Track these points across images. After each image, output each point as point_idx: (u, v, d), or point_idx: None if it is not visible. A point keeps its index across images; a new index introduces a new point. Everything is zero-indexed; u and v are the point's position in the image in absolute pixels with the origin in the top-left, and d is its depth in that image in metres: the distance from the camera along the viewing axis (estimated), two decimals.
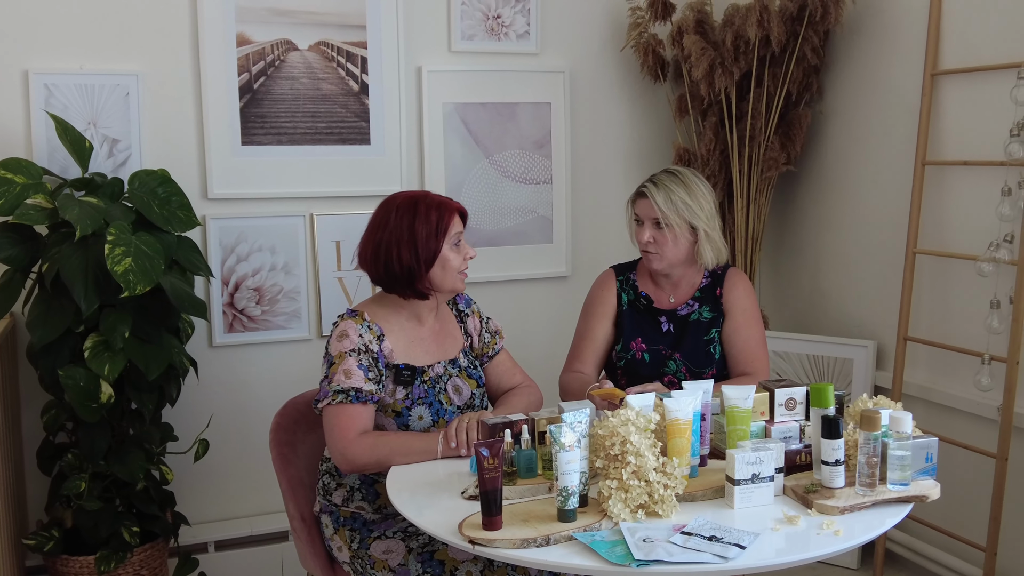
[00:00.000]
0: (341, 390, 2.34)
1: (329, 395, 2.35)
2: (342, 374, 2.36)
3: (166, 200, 3.16)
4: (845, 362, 3.66)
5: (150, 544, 3.21)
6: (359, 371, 2.36)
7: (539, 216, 3.95)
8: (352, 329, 2.41)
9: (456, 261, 2.45)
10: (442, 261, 2.43)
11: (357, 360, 2.37)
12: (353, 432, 2.34)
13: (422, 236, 2.40)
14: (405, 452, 2.33)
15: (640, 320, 2.79)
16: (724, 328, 2.76)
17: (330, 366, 2.40)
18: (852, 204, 3.75)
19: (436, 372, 2.50)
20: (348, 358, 2.37)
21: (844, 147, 3.78)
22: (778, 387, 2.21)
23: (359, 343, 2.39)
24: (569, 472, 1.85)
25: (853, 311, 3.77)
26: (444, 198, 2.48)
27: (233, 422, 3.59)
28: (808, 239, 4.00)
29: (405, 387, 2.44)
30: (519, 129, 3.87)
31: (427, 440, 2.34)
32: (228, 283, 3.54)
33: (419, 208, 2.43)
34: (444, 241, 2.42)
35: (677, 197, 2.66)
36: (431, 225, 2.41)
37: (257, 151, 3.52)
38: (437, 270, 2.43)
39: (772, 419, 2.21)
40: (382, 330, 2.44)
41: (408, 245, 2.41)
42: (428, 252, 2.41)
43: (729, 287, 2.78)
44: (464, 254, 2.47)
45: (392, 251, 2.41)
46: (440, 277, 2.45)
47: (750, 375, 2.68)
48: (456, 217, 2.46)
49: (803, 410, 2.23)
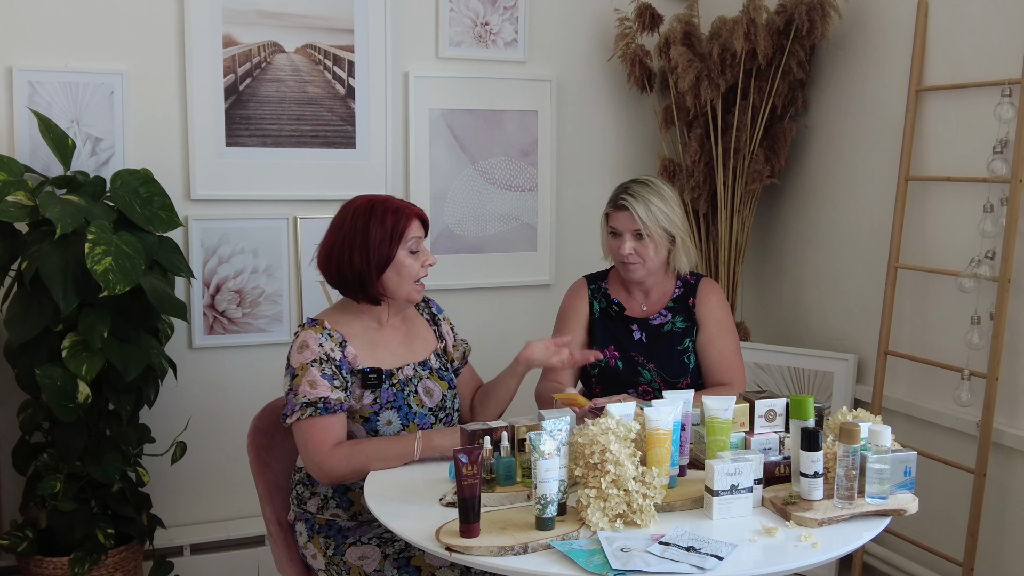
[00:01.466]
0: (308, 402, 2.31)
1: (297, 409, 2.32)
2: (307, 385, 2.32)
3: (148, 200, 3.14)
4: (825, 375, 3.67)
5: (125, 546, 3.18)
6: (324, 380, 2.32)
7: (523, 224, 3.94)
8: (312, 339, 2.37)
9: (413, 268, 2.41)
10: (396, 267, 2.39)
11: (320, 370, 2.33)
12: (327, 445, 2.31)
13: (375, 239, 2.37)
14: (382, 458, 2.30)
15: (612, 328, 2.79)
16: (698, 338, 2.76)
17: (293, 378, 2.35)
18: (835, 218, 3.76)
19: (405, 375, 2.47)
20: (311, 369, 2.33)
21: (828, 161, 3.79)
22: (758, 398, 2.21)
23: (320, 352, 2.35)
24: (548, 480, 1.84)
25: (834, 324, 3.78)
26: (404, 203, 2.44)
27: (211, 425, 3.57)
28: (790, 252, 4.00)
29: (372, 391, 2.41)
30: (505, 136, 3.87)
31: (403, 443, 2.32)
32: (209, 285, 3.52)
33: (375, 211, 2.40)
34: (399, 246, 2.38)
35: (655, 207, 2.66)
36: (386, 229, 2.38)
37: (241, 153, 3.50)
38: (392, 275, 2.40)
39: (752, 430, 2.20)
40: (343, 336, 2.41)
41: (361, 248, 2.37)
42: (381, 256, 2.38)
43: (702, 297, 2.79)
44: (422, 261, 2.43)
45: (344, 254, 2.39)
46: (395, 283, 2.41)
47: (727, 385, 2.69)
48: (415, 222, 2.42)
49: (783, 422, 2.22)
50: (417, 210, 2.46)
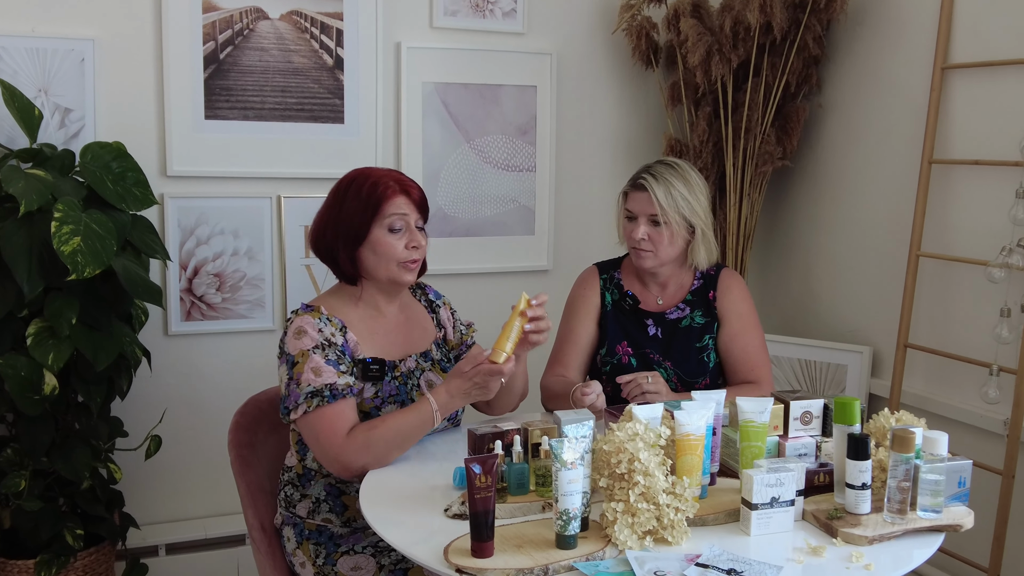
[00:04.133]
0: (314, 392, 2.09)
1: (302, 401, 2.10)
2: (310, 373, 2.11)
3: (121, 176, 2.93)
4: (838, 368, 3.49)
5: (95, 548, 2.99)
6: (328, 366, 2.12)
7: (521, 206, 3.74)
8: (309, 324, 2.17)
9: (392, 248, 2.19)
10: (371, 245, 2.20)
11: (323, 356, 2.13)
12: (340, 435, 2.09)
13: (347, 212, 2.20)
14: (402, 435, 2.11)
15: (625, 322, 2.60)
16: (720, 335, 2.57)
17: (292, 367, 2.14)
18: (848, 203, 3.58)
19: (408, 367, 2.28)
20: (312, 355, 2.13)
21: (842, 143, 3.60)
22: (793, 399, 2.02)
23: (320, 338, 2.15)
24: (571, 493, 1.64)
25: (846, 315, 3.60)
26: (393, 176, 2.24)
27: (188, 417, 3.36)
28: (799, 238, 3.82)
29: (374, 384, 2.21)
30: (502, 113, 3.66)
31: (419, 413, 2.11)
32: (186, 268, 3.31)
33: (356, 182, 2.23)
34: (375, 222, 2.18)
35: (677, 192, 2.46)
36: (361, 201, 2.19)
37: (221, 126, 3.29)
38: (367, 254, 2.21)
39: (786, 434, 2.02)
40: (343, 322, 2.21)
41: (335, 220, 2.21)
42: (351, 230, 2.20)
43: (723, 290, 2.60)
44: (407, 242, 2.21)
45: (323, 227, 2.25)
46: (372, 263, 2.22)
47: (753, 384, 2.50)
48: (398, 198, 2.20)
49: (819, 424, 2.04)
50: (406, 185, 2.24)
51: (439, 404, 2.11)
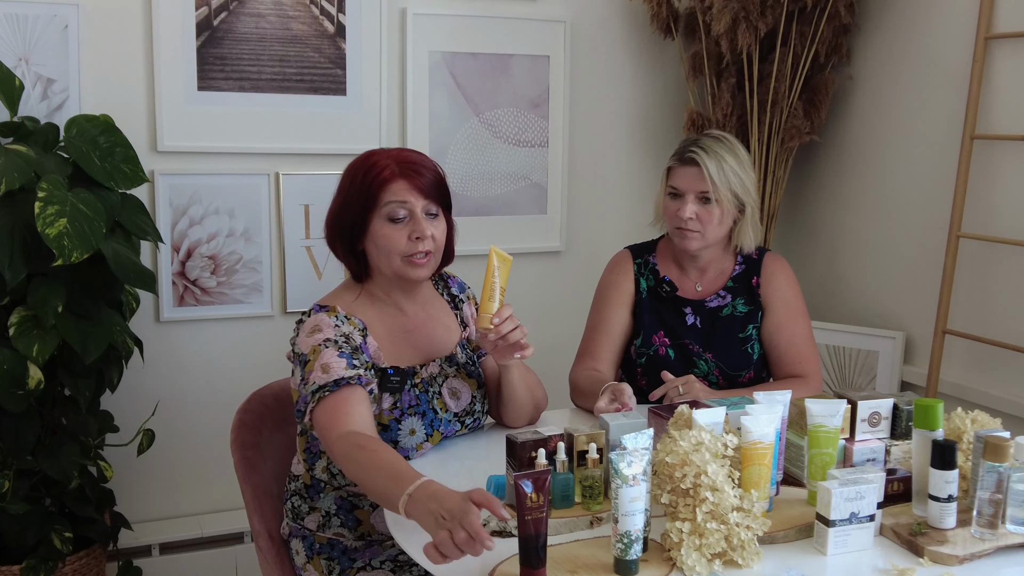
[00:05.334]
0: (320, 387, 1.86)
1: (310, 400, 1.87)
2: (319, 370, 1.87)
3: (109, 151, 2.73)
4: (869, 354, 3.32)
5: (85, 551, 2.81)
6: (340, 360, 1.88)
7: (532, 183, 3.54)
8: (325, 322, 1.95)
9: (393, 240, 1.95)
10: (372, 238, 1.98)
11: (337, 350, 1.90)
12: (337, 427, 1.79)
13: (346, 203, 2.00)
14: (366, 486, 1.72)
15: (662, 310, 2.41)
16: (764, 324, 2.38)
17: (304, 365, 1.91)
18: (880, 181, 3.40)
19: (430, 373, 2.07)
20: (324, 350, 1.89)
21: (873, 117, 3.41)
22: (860, 398, 1.84)
23: (335, 333, 1.93)
24: (633, 513, 1.45)
25: (877, 299, 3.42)
26: (400, 157, 1.99)
27: (183, 409, 3.16)
28: (826, 218, 3.64)
29: (393, 395, 1.99)
30: (513, 85, 3.45)
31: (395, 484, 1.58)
32: (179, 250, 3.11)
33: (355, 166, 2.02)
34: (374, 212, 1.96)
35: (729, 167, 2.27)
36: (357, 188, 1.97)
37: (215, 98, 3.08)
38: (371, 248, 2.00)
39: (853, 437, 1.83)
40: (364, 324, 2.00)
41: (337, 214, 2.03)
42: (346, 223, 1.99)
43: (768, 275, 2.41)
44: (412, 233, 1.95)
45: (329, 217, 2.06)
46: (375, 258, 2.00)
47: (801, 377, 2.32)
48: (396, 184, 1.95)
49: (887, 426, 1.86)
50: (410, 167, 1.97)
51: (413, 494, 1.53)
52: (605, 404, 2.09)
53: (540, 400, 2.22)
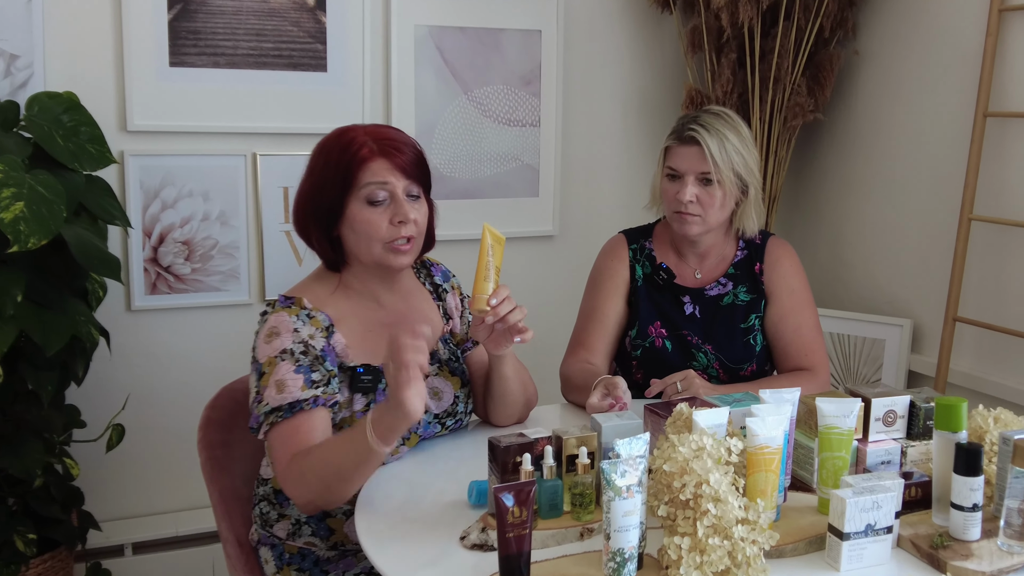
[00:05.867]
0: (272, 409, 1.73)
1: (262, 420, 1.74)
2: (273, 388, 1.73)
3: (73, 131, 2.58)
4: (875, 343, 3.18)
5: (50, 553, 2.67)
6: (296, 377, 1.73)
7: (524, 164, 3.38)
8: (284, 324, 1.79)
9: (373, 224, 1.80)
10: (350, 222, 1.82)
11: (293, 363, 1.75)
12: (286, 460, 1.70)
13: (320, 185, 1.84)
14: (334, 471, 1.63)
15: (659, 299, 2.26)
16: (768, 313, 2.24)
17: (260, 377, 1.77)
18: (887, 161, 3.25)
19: None
20: (279, 364, 1.75)
21: (881, 95, 3.26)
22: (875, 395, 1.69)
23: (293, 341, 1.77)
24: (626, 528, 1.31)
25: (883, 285, 3.28)
26: (377, 134, 1.84)
27: (156, 402, 3.01)
28: (831, 200, 3.49)
29: (365, 395, 1.84)
30: (504, 61, 3.29)
31: (353, 440, 1.60)
32: (151, 235, 2.96)
33: (329, 144, 1.87)
34: (351, 194, 1.81)
35: (731, 146, 2.11)
36: (332, 168, 1.82)
37: (188, 75, 2.93)
38: (348, 234, 1.84)
39: (866, 438, 1.69)
40: (330, 319, 1.84)
41: (308, 195, 1.88)
42: (322, 207, 1.84)
43: (772, 261, 2.26)
44: (393, 217, 1.81)
45: (298, 200, 1.91)
46: (353, 244, 1.85)
47: (807, 371, 2.17)
48: (377, 163, 1.80)
49: (903, 425, 1.71)
50: (389, 145, 1.82)
51: (371, 418, 1.57)
52: (598, 400, 1.94)
53: (531, 396, 2.07)
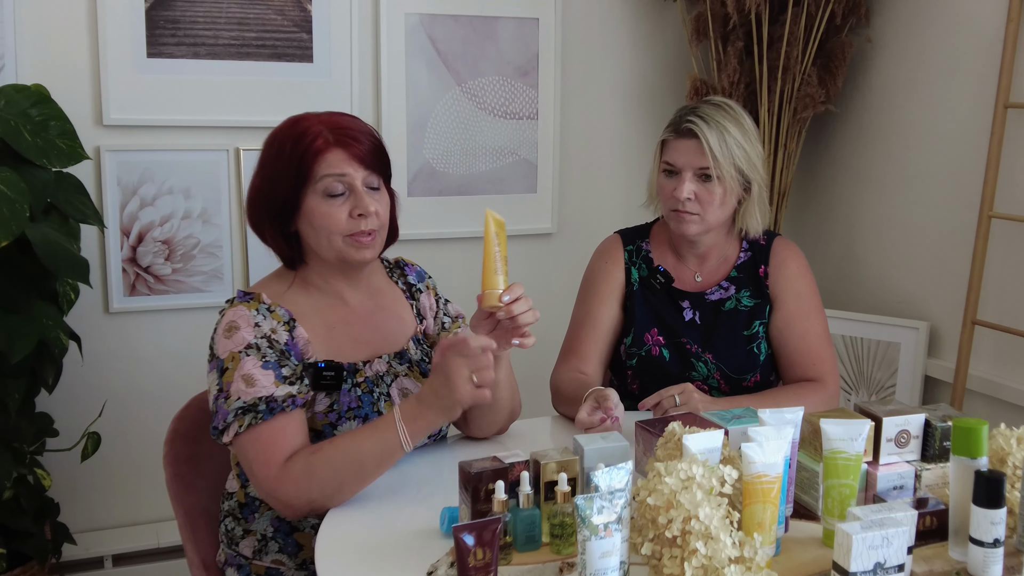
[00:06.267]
0: (245, 407, 1.62)
1: (231, 419, 1.62)
2: (241, 382, 1.63)
3: (42, 125, 2.47)
4: (889, 347, 3.03)
5: (21, 568, 2.55)
6: (265, 372, 1.64)
7: (521, 159, 3.25)
8: (243, 318, 1.69)
9: (332, 217, 1.70)
10: (307, 217, 1.71)
11: (259, 358, 1.65)
12: (278, 461, 1.61)
13: (275, 175, 1.73)
14: (356, 467, 1.60)
15: (656, 304, 2.11)
16: (773, 319, 2.09)
17: (222, 374, 1.66)
18: (902, 155, 3.10)
19: (376, 370, 1.80)
20: (244, 359, 1.65)
21: (895, 84, 3.11)
22: (886, 413, 1.55)
23: (255, 335, 1.67)
24: (605, 571, 1.17)
25: (898, 285, 3.13)
26: (331, 122, 1.73)
27: (134, 408, 2.90)
28: (842, 196, 3.34)
29: (328, 394, 1.73)
30: (499, 51, 3.16)
31: (380, 433, 1.61)
32: (129, 234, 2.84)
33: (282, 135, 1.75)
34: (308, 186, 1.70)
35: (732, 139, 1.97)
36: (286, 160, 1.70)
37: (167, 66, 2.81)
38: (305, 228, 1.73)
39: (876, 460, 1.55)
40: (291, 314, 1.73)
41: (260, 190, 1.77)
42: (275, 200, 1.72)
43: (777, 264, 2.11)
44: (352, 209, 1.71)
45: (251, 195, 1.79)
46: (314, 240, 1.73)
47: (815, 381, 2.02)
48: (333, 153, 1.70)
49: (918, 446, 1.57)
50: (345, 134, 1.72)
51: (404, 415, 1.60)
52: (586, 414, 1.80)
53: (516, 407, 1.94)
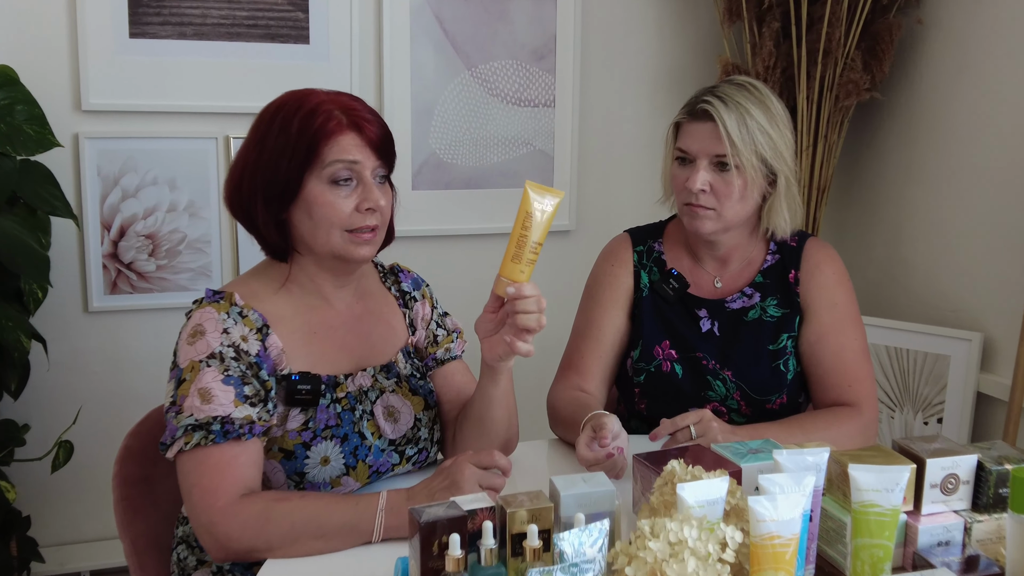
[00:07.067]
0: (196, 425, 1.43)
1: (179, 435, 1.44)
2: (196, 397, 1.44)
3: (7, 109, 2.36)
4: (938, 359, 2.76)
5: None
6: (225, 388, 1.45)
7: (536, 150, 3.04)
8: (211, 322, 1.50)
9: (335, 208, 1.52)
10: (306, 204, 1.53)
11: (221, 371, 1.46)
12: (226, 494, 1.42)
13: (272, 154, 1.52)
14: (320, 533, 1.40)
15: (668, 313, 1.87)
16: (803, 332, 1.83)
17: (178, 385, 1.48)
18: (955, 148, 2.83)
19: (359, 385, 1.60)
20: (204, 371, 1.46)
21: (948, 69, 2.84)
22: (931, 454, 1.29)
23: (221, 343, 1.48)
24: None
25: (949, 292, 2.86)
26: (341, 102, 1.54)
27: (113, 414, 2.71)
28: (888, 192, 3.09)
29: (303, 410, 1.54)
30: (513, 32, 2.95)
31: (357, 510, 1.42)
32: (110, 228, 2.68)
33: (286, 109, 1.54)
34: (312, 170, 1.50)
35: (754, 123, 1.73)
36: (289, 138, 1.50)
37: (151, 47, 2.65)
38: (301, 217, 1.54)
39: (918, 509, 1.29)
40: (265, 319, 1.53)
41: (253, 167, 1.55)
42: (276, 182, 1.52)
43: (810, 268, 1.86)
44: (360, 202, 1.53)
45: (237, 173, 1.58)
46: (308, 231, 1.54)
47: (850, 407, 1.76)
48: (347, 136, 1.52)
49: (967, 493, 1.31)
50: (359, 116, 1.53)
51: (389, 506, 1.42)
52: (586, 447, 1.58)
53: (512, 436, 1.73)
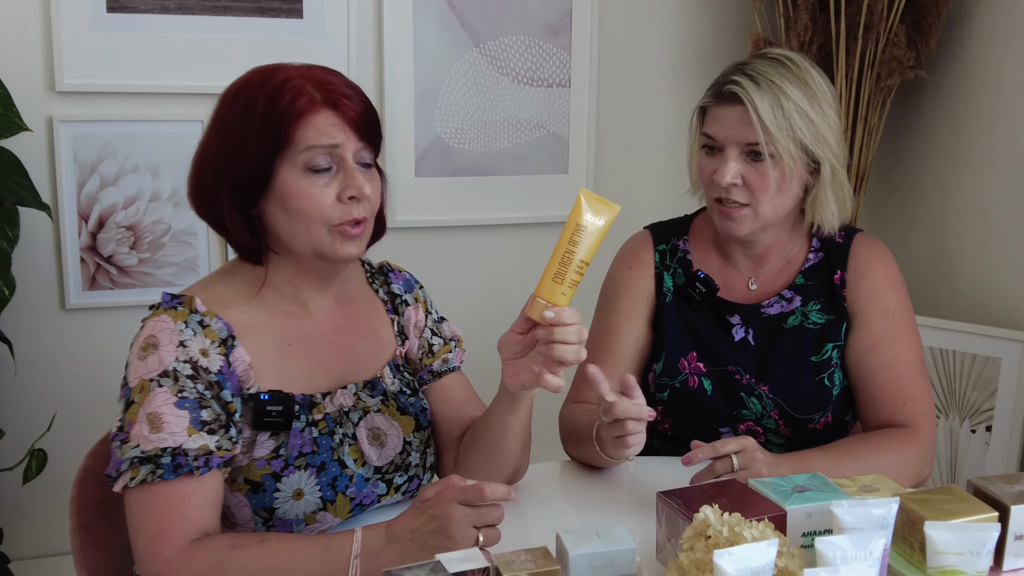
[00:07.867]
0: (144, 457, 1.25)
1: (124, 468, 1.27)
2: (144, 424, 1.26)
3: None
4: (988, 362, 2.59)
5: None
6: (178, 414, 1.26)
7: (550, 134, 2.87)
8: (166, 332, 1.31)
9: (315, 199, 1.33)
10: (280, 196, 1.34)
11: (175, 392, 1.27)
12: (174, 540, 1.25)
13: (237, 139, 1.34)
14: None
15: (695, 321, 1.67)
16: (851, 342, 1.63)
17: (126, 408, 1.30)
18: (1007, 131, 2.66)
19: (339, 404, 1.42)
20: (155, 391, 1.27)
21: (999, 46, 2.67)
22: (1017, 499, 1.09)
23: (175, 358, 1.29)
24: None
25: (1000, 289, 2.70)
26: (315, 77, 1.36)
27: (91, 419, 2.55)
28: (933, 179, 2.92)
29: (274, 435, 1.35)
30: (525, 7, 2.78)
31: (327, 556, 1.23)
32: (88, 219, 2.52)
33: (250, 87, 1.35)
34: (282, 157, 1.32)
35: (792, 105, 1.52)
36: (256, 120, 1.31)
37: (130, 22, 2.48)
38: (276, 212, 1.36)
39: (999, 565, 1.09)
40: (231, 328, 1.34)
41: (215, 158, 1.37)
42: (243, 174, 1.33)
43: (859, 269, 1.67)
44: (342, 190, 1.35)
45: (199, 163, 1.40)
46: (284, 227, 1.37)
47: (905, 428, 1.56)
48: (322, 115, 1.33)
49: None
50: (336, 92, 1.35)
51: (364, 550, 1.21)
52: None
53: (523, 465, 1.55)
